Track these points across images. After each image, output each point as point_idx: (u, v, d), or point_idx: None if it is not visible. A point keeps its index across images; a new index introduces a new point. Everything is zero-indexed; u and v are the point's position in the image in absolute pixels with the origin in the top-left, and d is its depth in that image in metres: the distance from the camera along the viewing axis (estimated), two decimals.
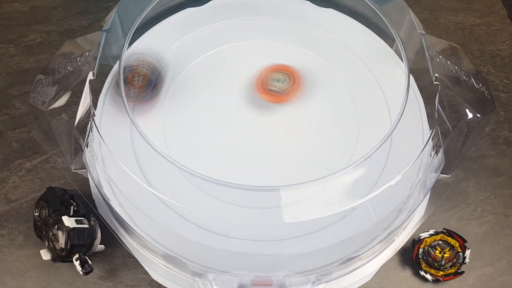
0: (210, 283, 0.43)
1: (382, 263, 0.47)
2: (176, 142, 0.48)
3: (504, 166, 0.54)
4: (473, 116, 0.47)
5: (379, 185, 0.45)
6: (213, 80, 0.52)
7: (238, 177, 0.41)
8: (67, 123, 0.46)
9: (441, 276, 0.46)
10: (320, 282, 0.44)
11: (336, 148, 0.48)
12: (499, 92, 0.59)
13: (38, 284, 0.47)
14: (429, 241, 0.47)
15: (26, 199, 0.51)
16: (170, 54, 0.54)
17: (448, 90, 0.48)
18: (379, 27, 0.55)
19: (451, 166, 0.48)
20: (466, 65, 0.50)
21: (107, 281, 0.47)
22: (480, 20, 0.65)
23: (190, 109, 0.50)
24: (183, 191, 0.45)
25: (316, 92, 0.52)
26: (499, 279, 0.48)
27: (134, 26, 0.50)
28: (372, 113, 0.50)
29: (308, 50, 0.54)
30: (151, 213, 0.45)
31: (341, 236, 0.44)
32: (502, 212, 0.52)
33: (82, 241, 0.44)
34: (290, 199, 0.43)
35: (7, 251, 0.49)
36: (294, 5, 0.58)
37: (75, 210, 0.46)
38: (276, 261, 0.44)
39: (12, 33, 0.63)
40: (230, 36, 0.55)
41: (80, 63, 0.48)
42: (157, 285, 0.47)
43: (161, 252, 0.44)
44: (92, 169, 0.46)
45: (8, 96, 0.57)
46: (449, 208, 0.51)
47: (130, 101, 0.48)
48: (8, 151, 0.54)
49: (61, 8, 0.65)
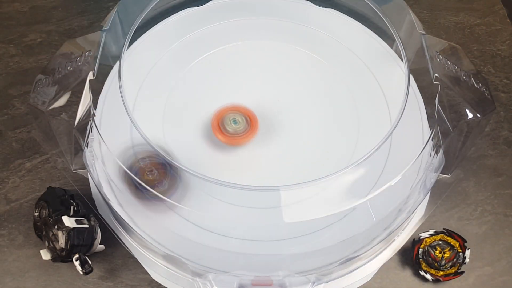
0: (210, 283, 0.43)
1: (382, 263, 0.47)
2: (176, 142, 0.48)
3: (504, 166, 0.54)
4: (473, 116, 0.47)
5: (379, 185, 0.45)
6: (213, 80, 0.52)
7: (238, 177, 0.41)
8: (67, 123, 0.46)
9: (441, 276, 0.46)
10: (320, 282, 0.44)
11: (336, 148, 0.48)
12: (499, 92, 0.59)
13: (38, 284, 0.47)
14: (429, 241, 0.47)
15: (26, 199, 0.51)
16: (170, 54, 0.54)
17: (448, 90, 0.48)
18: (379, 27, 0.55)
19: (451, 166, 0.48)
20: (466, 65, 0.50)
21: (107, 281, 0.47)
22: (480, 20, 0.65)
23: (190, 109, 0.50)
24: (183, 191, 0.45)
25: (316, 92, 0.52)
26: (499, 279, 0.48)
27: (134, 26, 0.50)
28: (372, 113, 0.50)
29: (308, 50, 0.54)
30: (151, 213, 0.45)
31: (341, 236, 0.44)
32: (502, 212, 0.52)
33: (82, 241, 0.44)
34: (290, 199, 0.43)
35: (7, 251, 0.49)
36: (294, 5, 0.58)
37: (75, 210, 0.46)
38: (276, 261, 0.44)
39: (12, 33, 0.63)
40: (230, 36, 0.55)
41: (80, 63, 0.48)
42: (157, 285, 0.47)
43: (161, 252, 0.44)
44: (92, 169, 0.46)
45: (8, 96, 0.57)
46: (449, 208, 0.51)
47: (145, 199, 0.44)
48: (8, 151, 0.54)
49: (61, 8, 0.65)
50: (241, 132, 0.47)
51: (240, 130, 0.47)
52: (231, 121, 0.48)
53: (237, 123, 0.47)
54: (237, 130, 0.47)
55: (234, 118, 0.48)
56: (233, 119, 0.47)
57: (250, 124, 0.48)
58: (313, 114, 0.51)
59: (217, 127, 0.48)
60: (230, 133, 0.47)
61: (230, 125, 0.47)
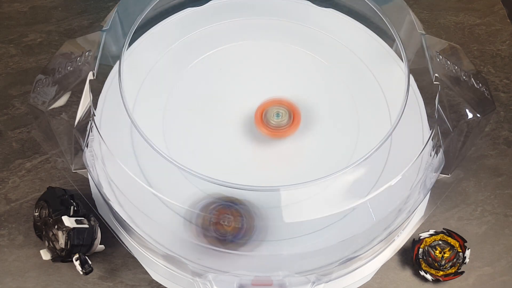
0: (210, 283, 0.43)
1: (382, 263, 0.48)
2: (176, 142, 0.48)
3: (504, 166, 0.54)
4: (473, 116, 0.47)
5: (379, 185, 0.45)
6: (213, 80, 0.52)
7: (238, 177, 0.41)
8: (67, 123, 0.46)
9: (441, 276, 0.46)
10: (320, 282, 0.44)
11: (336, 148, 0.48)
12: (499, 92, 0.59)
13: (38, 284, 0.47)
14: (429, 241, 0.47)
15: (26, 199, 0.51)
16: (170, 54, 0.54)
17: (448, 90, 0.48)
18: (379, 27, 0.55)
19: (451, 166, 0.48)
20: (466, 65, 0.50)
21: (107, 281, 0.47)
22: (480, 20, 0.65)
23: (190, 109, 0.50)
24: (183, 191, 0.45)
25: (316, 92, 0.52)
26: (499, 279, 0.48)
27: (134, 26, 0.50)
28: (372, 113, 0.50)
29: (308, 50, 0.54)
30: (151, 213, 0.45)
31: (341, 236, 0.44)
32: (502, 212, 0.52)
33: (82, 241, 0.44)
34: (290, 199, 0.43)
35: (7, 251, 0.49)
36: (294, 5, 0.58)
37: (75, 210, 0.46)
38: (276, 261, 0.44)
39: (12, 33, 0.62)
40: (230, 36, 0.55)
41: (80, 63, 0.48)
42: (157, 285, 0.47)
43: (161, 252, 0.44)
44: (92, 169, 0.46)
45: (8, 96, 0.57)
46: (449, 208, 0.51)
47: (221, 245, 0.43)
48: (8, 151, 0.54)
49: (61, 8, 0.65)
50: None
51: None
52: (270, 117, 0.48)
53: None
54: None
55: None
56: (276, 113, 0.48)
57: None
58: (313, 114, 0.50)
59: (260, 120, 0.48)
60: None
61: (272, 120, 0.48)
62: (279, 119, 0.48)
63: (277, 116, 0.48)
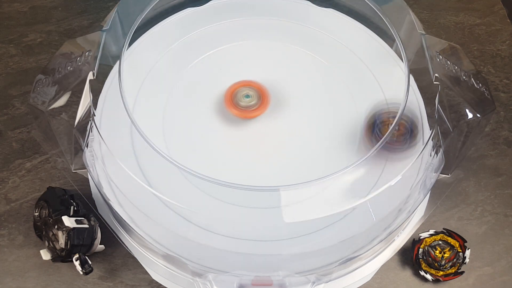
0: (210, 283, 0.43)
1: (382, 263, 0.48)
2: (176, 142, 0.48)
3: (504, 166, 0.54)
4: (473, 116, 0.47)
5: (379, 185, 0.45)
6: (213, 79, 0.52)
7: (238, 177, 0.41)
8: (67, 123, 0.46)
9: (441, 276, 0.46)
10: (320, 282, 0.44)
11: (336, 148, 0.48)
12: (499, 92, 0.59)
13: (38, 284, 0.47)
14: (429, 241, 0.47)
15: (26, 199, 0.51)
16: (170, 54, 0.54)
17: (448, 90, 0.48)
18: (379, 27, 0.55)
19: (451, 166, 0.48)
20: (466, 65, 0.50)
21: (107, 281, 0.47)
22: (480, 20, 0.65)
23: (190, 109, 0.50)
24: (183, 191, 0.45)
25: (316, 92, 0.52)
26: (499, 279, 0.48)
27: (134, 26, 0.50)
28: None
29: (308, 50, 0.54)
30: (151, 213, 0.45)
31: (341, 236, 0.44)
32: (502, 212, 0.52)
33: (82, 241, 0.44)
34: (290, 199, 0.43)
35: (7, 251, 0.49)
36: (294, 5, 0.58)
37: (75, 210, 0.46)
38: (276, 261, 0.44)
39: (12, 33, 0.63)
40: (230, 36, 0.55)
41: (80, 63, 0.48)
42: (157, 285, 0.47)
43: (161, 252, 0.44)
44: (92, 169, 0.46)
45: (8, 96, 0.57)
46: (449, 208, 0.51)
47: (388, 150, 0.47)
48: (8, 151, 0.54)
49: (61, 8, 0.65)
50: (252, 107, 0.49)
51: (252, 105, 0.49)
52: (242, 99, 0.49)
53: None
54: (249, 105, 0.49)
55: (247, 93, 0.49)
56: (246, 94, 0.49)
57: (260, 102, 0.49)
58: (313, 114, 0.51)
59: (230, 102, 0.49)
60: (242, 107, 0.49)
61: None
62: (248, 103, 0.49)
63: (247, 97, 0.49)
